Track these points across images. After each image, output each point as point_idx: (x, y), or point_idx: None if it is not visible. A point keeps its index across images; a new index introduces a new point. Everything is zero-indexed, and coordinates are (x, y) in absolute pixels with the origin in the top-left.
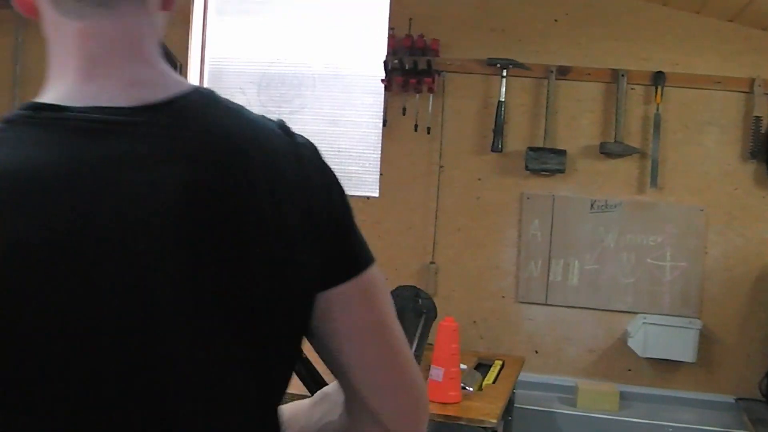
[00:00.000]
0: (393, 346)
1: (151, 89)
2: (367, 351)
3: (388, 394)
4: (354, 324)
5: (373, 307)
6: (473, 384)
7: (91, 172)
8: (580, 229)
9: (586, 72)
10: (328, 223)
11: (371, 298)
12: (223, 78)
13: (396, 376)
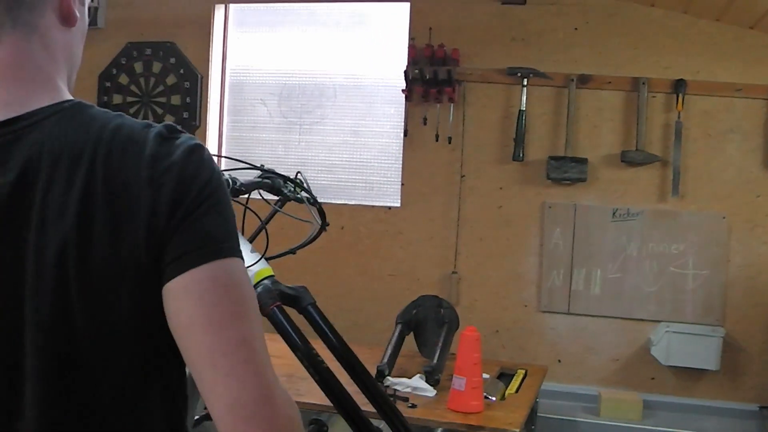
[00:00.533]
0: (222, 346)
1: (9, 108)
2: (194, 347)
3: (216, 396)
4: (185, 319)
5: (204, 304)
6: (496, 393)
7: None
8: (602, 238)
9: (606, 80)
10: (159, 220)
11: (204, 294)
12: (244, 89)
13: (223, 378)
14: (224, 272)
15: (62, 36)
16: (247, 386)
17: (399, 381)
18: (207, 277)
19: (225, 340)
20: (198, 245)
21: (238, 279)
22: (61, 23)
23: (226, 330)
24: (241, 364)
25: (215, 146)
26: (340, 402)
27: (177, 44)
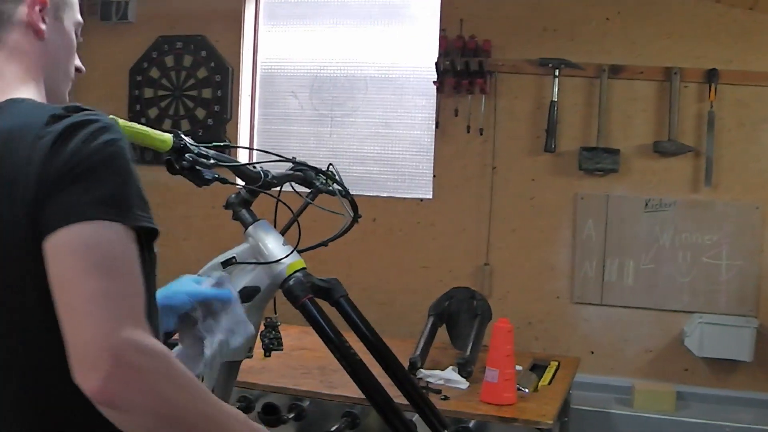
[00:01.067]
0: (67, 303)
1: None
2: (57, 304)
3: (67, 346)
4: (51, 279)
5: (57, 264)
6: (529, 385)
7: None
8: (635, 229)
9: (639, 70)
10: (30, 189)
11: (60, 256)
12: (275, 82)
13: (70, 330)
14: (80, 234)
15: (34, 48)
16: (88, 337)
17: (432, 373)
18: (64, 241)
19: (75, 295)
20: (62, 212)
21: (95, 240)
22: (33, 37)
23: (76, 287)
24: (85, 316)
25: (247, 139)
26: (373, 394)
27: (208, 37)
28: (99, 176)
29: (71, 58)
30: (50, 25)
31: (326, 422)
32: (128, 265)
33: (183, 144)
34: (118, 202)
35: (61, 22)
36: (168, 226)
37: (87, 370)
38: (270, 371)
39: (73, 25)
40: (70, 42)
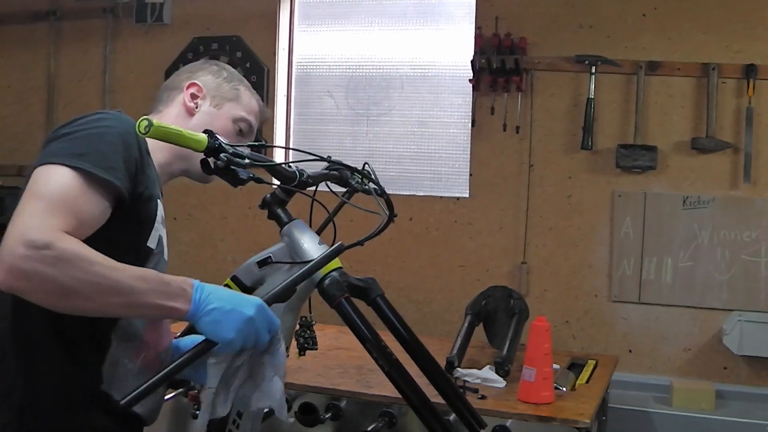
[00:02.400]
0: (13, 215)
1: None
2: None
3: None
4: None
5: (27, 190)
6: (566, 384)
7: None
8: (673, 226)
9: (676, 67)
10: (45, 145)
11: (30, 184)
12: (311, 82)
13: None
14: (36, 174)
15: (181, 119)
16: (7, 235)
17: (469, 372)
18: (31, 178)
19: (16, 211)
20: (39, 160)
21: (42, 177)
22: (185, 113)
23: (19, 206)
24: (13, 222)
25: (283, 139)
26: (410, 395)
27: (243, 38)
28: (75, 141)
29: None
30: (203, 108)
31: (363, 422)
32: (65, 196)
33: (218, 144)
34: (82, 159)
35: (217, 109)
36: (204, 227)
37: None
38: (307, 371)
39: (232, 117)
40: (220, 126)
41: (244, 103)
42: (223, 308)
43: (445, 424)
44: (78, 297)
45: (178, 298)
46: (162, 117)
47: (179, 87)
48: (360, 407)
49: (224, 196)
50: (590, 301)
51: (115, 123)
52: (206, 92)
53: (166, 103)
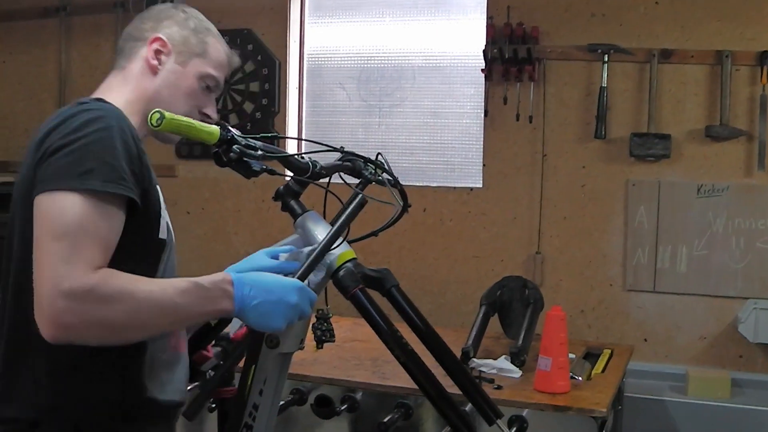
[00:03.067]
0: (36, 259)
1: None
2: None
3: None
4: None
5: (35, 221)
6: (582, 373)
7: None
8: (688, 215)
9: (689, 54)
10: (42, 157)
11: (36, 214)
12: (323, 74)
13: (33, 280)
14: (45, 203)
15: (144, 79)
16: (38, 288)
17: (484, 362)
18: (36, 206)
19: (36, 254)
20: (41, 179)
21: (54, 209)
22: (147, 71)
23: (37, 248)
24: (39, 272)
25: (295, 131)
26: (426, 386)
27: (254, 31)
28: (78, 157)
29: (181, 99)
30: (167, 66)
31: (379, 413)
32: (83, 225)
33: (230, 136)
34: (90, 177)
35: (183, 67)
36: (218, 220)
37: (39, 321)
38: (322, 363)
39: (198, 75)
40: (185, 85)
41: (212, 58)
42: (268, 300)
43: (461, 414)
44: (129, 330)
45: (221, 300)
46: (125, 76)
47: (142, 38)
48: (376, 399)
49: (237, 189)
50: (605, 291)
51: (109, 120)
52: (171, 47)
53: (129, 57)
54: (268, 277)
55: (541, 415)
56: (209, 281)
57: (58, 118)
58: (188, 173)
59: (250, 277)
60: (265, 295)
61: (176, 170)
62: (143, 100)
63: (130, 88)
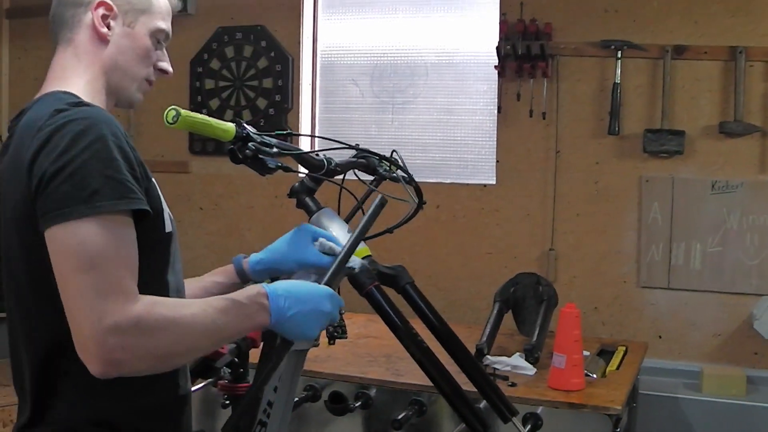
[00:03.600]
0: (64, 299)
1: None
2: (61, 296)
3: (73, 339)
4: (54, 270)
5: (54, 259)
6: (596, 371)
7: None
8: (702, 211)
9: (702, 50)
10: (26, 174)
11: (53, 251)
12: (335, 70)
13: (69, 317)
14: (60, 237)
15: (96, 49)
16: (79, 326)
17: (498, 360)
18: (51, 240)
19: (65, 289)
20: (52, 208)
21: (72, 242)
22: (97, 39)
23: (66, 284)
24: (76, 309)
25: (308, 128)
26: (442, 382)
27: (267, 27)
28: (80, 180)
29: (138, 62)
30: (117, 31)
31: (393, 410)
32: (107, 253)
33: (245, 133)
34: (99, 198)
35: (132, 28)
36: (231, 217)
37: (85, 358)
38: (336, 359)
39: (148, 32)
40: (139, 47)
41: (157, 9)
42: (302, 311)
43: (476, 411)
44: (177, 357)
45: (258, 315)
46: (75, 47)
47: (83, 3)
48: (390, 395)
49: (251, 185)
50: (619, 287)
51: (99, 129)
52: (116, 10)
53: (72, 27)
54: (301, 287)
55: (556, 412)
56: (245, 297)
57: (42, 136)
58: (201, 169)
59: (283, 287)
60: (300, 305)
61: (189, 166)
62: (101, 75)
63: (85, 66)
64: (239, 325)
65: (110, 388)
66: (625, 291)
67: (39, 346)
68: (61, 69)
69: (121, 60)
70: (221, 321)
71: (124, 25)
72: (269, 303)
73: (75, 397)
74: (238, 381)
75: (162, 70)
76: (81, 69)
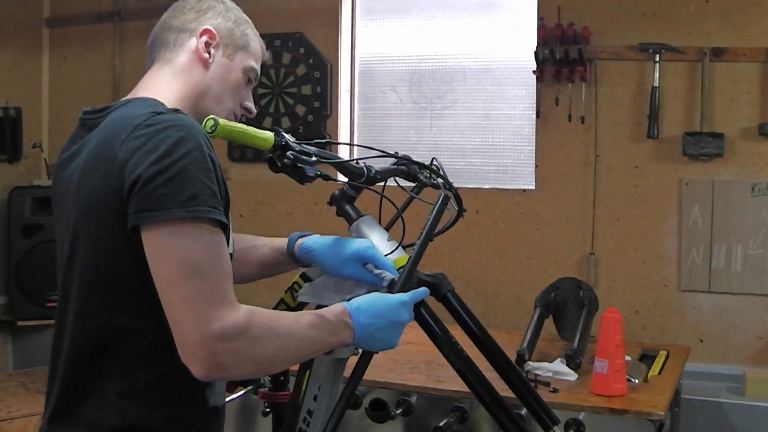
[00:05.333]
0: (168, 302)
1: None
2: (162, 299)
3: (176, 341)
4: (153, 273)
5: (156, 265)
6: (639, 376)
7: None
8: (742, 214)
9: (741, 52)
10: (133, 184)
11: (152, 253)
12: (374, 77)
13: (172, 322)
14: (162, 239)
15: (193, 71)
16: (185, 331)
17: (539, 365)
18: (149, 240)
19: (170, 293)
20: (154, 208)
21: (174, 245)
22: (197, 63)
23: (172, 288)
24: (182, 314)
25: (347, 134)
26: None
27: (306, 34)
28: (179, 183)
29: (229, 92)
30: (216, 59)
31: (435, 417)
32: (211, 260)
33: (284, 142)
34: (196, 203)
35: (230, 60)
36: (271, 223)
37: (190, 361)
38: (376, 366)
39: (243, 68)
40: (234, 78)
41: (253, 49)
42: (383, 325)
43: (516, 420)
44: (275, 365)
45: (343, 331)
46: (173, 66)
47: (188, 29)
48: (431, 402)
49: (290, 192)
50: (660, 291)
51: (197, 138)
52: (219, 40)
53: (174, 49)
54: (377, 301)
55: (598, 418)
56: (331, 314)
57: (141, 135)
58: (240, 176)
59: (363, 304)
60: (380, 320)
61: (229, 173)
62: (194, 95)
63: (181, 83)
64: (327, 340)
65: (144, 394)
66: (666, 295)
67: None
68: (154, 82)
69: (215, 86)
70: (312, 334)
71: (223, 56)
72: (351, 322)
73: (108, 399)
74: (278, 389)
75: (247, 108)
76: (175, 86)
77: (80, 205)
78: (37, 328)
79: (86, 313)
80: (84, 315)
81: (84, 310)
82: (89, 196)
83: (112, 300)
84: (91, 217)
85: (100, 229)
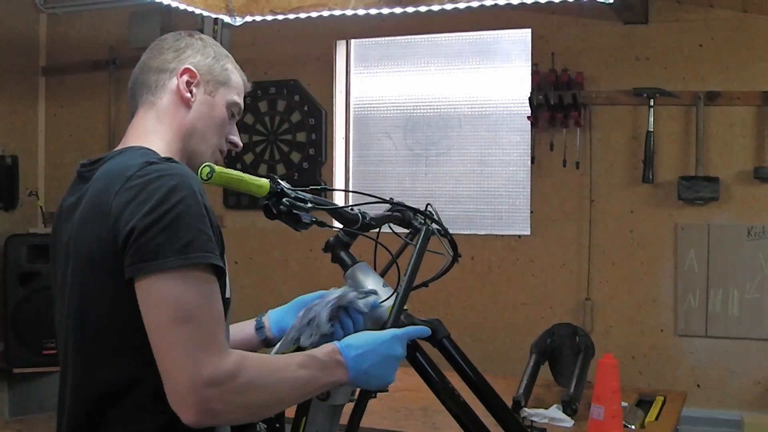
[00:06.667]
0: (159, 349)
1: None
2: (152, 345)
3: (164, 382)
4: (145, 321)
5: (146, 310)
6: (635, 422)
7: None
8: (738, 258)
9: (735, 96)
10: (129, 235)
11: (145, 302)
12: (369, 123)
13: (163, 370)
14: (156, 288)
15: (178, 112)
16: (176, 377)
17: (536, 412)
18: (143, 290)
19: (161, 339)
20: (148, 258)
21: (168, 293)
22: (180, 103)
23: (163, 335)
24: (173, 359)
25: (342, 181)
26: None
27: (300, 81)
28: (174, 231)
29: (213, 129)
30: (198, 98)
31: None
32: (203, 307)
33: (280, 188)
34: (191, 249)
35: (212, 96)
36: (266, 270)
37: (180, 408)
38: (372, 413)
39: (225, 104)
40: (217, 115)
41: (235, 83)
42: (376, 362)
43: None
44: (268, 409)
45: (336, 370)
46: (157, 110)
47: (168, 69)
48: None
49: (285, 239)
50: (656, 336)
51: (190, 185)
52: (199, 77)
53: (155, 91)
54: (368, 338)
55: None
56: (322, 353)
57: (135, 185)
58: (235, 223)
59: (354, 341)
60: (373, 356)
61: (224, 220)
62: (181, 136)
63: (166, 126)
64: (320, 381)
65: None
66: (663, 340)
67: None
68: (142, 129)
69: (199, 125)
70: (304, 374)
71: (205, 93)
72: (343, 359)
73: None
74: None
75: (232, 143)
76: (162, 130)
77: (77, 258)
78: (33, 376)
79: (89, 365)
80: (87, 366)
81: (86, 361)
82: (85, 248)
83: (115, 350)
84: (88, 269)
85: (97, 282)
